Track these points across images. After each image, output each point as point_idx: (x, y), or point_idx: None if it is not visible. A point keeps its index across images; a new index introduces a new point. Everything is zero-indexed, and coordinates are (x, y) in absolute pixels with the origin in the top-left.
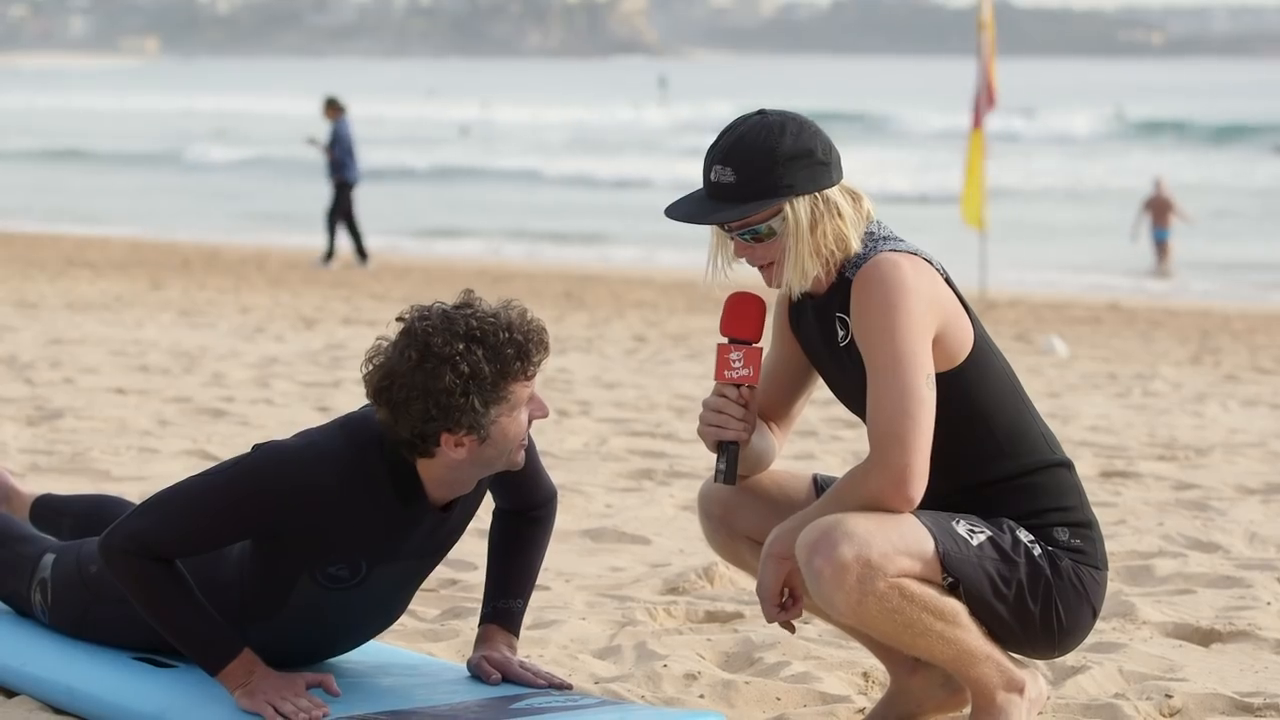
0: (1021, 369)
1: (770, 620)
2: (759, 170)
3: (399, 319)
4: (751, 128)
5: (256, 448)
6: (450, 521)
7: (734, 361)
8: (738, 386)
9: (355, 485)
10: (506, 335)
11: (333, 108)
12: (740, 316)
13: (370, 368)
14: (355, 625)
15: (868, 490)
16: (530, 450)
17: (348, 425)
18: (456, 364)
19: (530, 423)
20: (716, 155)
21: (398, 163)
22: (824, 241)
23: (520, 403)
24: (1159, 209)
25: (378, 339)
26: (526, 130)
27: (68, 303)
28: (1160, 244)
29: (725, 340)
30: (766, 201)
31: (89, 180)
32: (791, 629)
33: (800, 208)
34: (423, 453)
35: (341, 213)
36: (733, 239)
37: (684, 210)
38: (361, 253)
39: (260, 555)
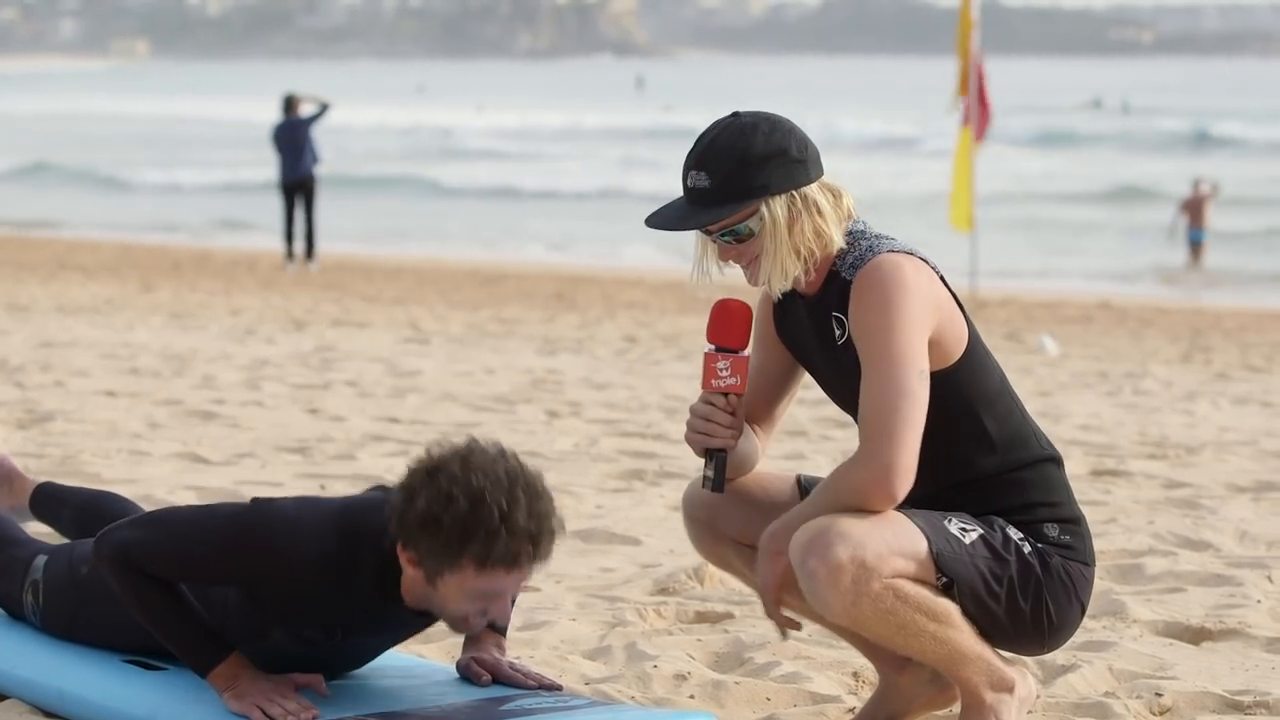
0: (1013, 368)
1: (771, 615)
2: (733, 172)
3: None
4: (724, 131)
5: (254, 502)
6: (430, 616)
7: (721, 370)
8: (725, 395)
9: (335, 571)
10: (498, 520)
11: (291, 105)
12: (727, 325)
13: (431, 452)
14: (334, 672)
15: (853, 485)
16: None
17: (347, 509)
18: (437, 500)
19: (484, 617)
20: (692, 161)
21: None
22: (803, 239)
23: (475, 592)
24: (1195, 210)
25: (480, 441)
26: (509, 136)
27: (58, 305)
28: (1196, 245)
29: (712, 348)
30: (742, 203)
31: None
32: (784, 635)
33: (777, 206)
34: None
35: (288, 208)
36: (715, 242)
37: (662, 218)
38: (290, 254)
39: (243, 597)
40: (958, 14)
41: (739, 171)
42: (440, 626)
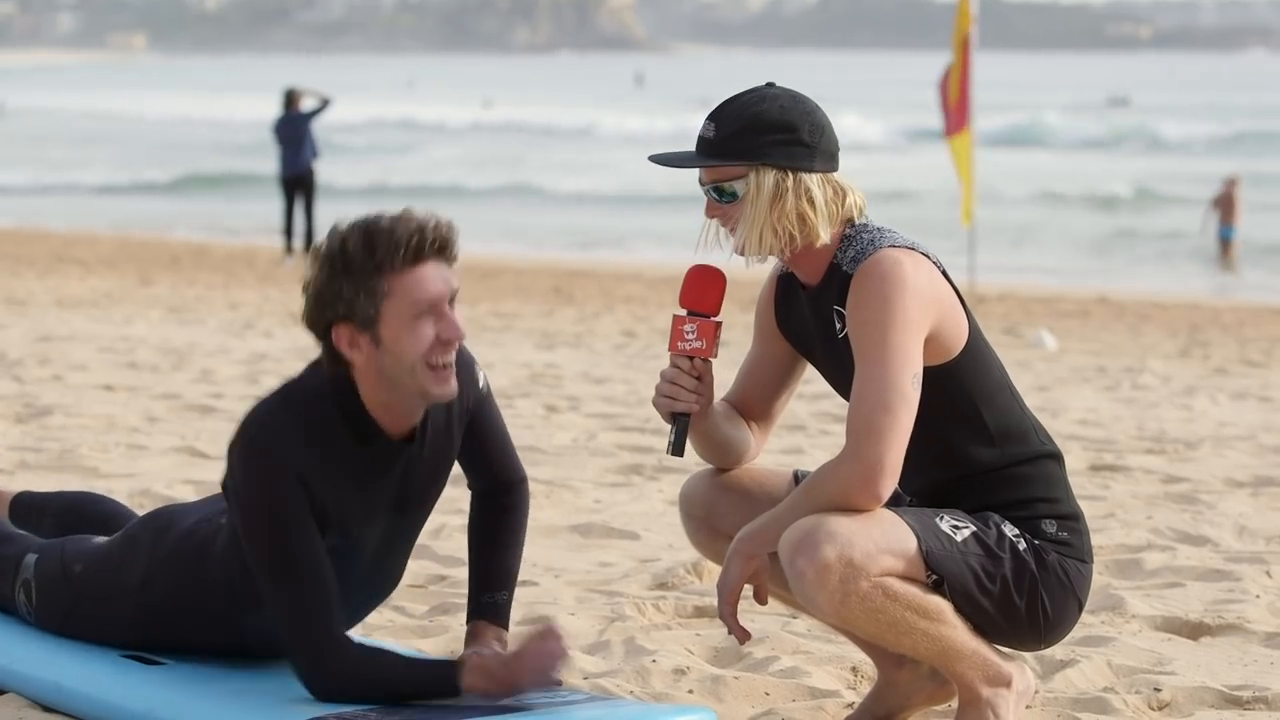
0: (1011, 362)
1: (723, 619)
2: (737, 131)
3: None
4: (748, 94)
5: (233, 452)
6: (420, 461)
7: (688, 333)
8: (691, 358)
9: (314, 433)
10: (389, 224)
11: (291, 100)
12: (699, 289)
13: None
14: (349, 596)
15: (838, 482)
16: (495, 420)
17: (288, 387)
18: (332, 251)
19: (441, 344)
20: (710, 114)
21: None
22: (783, 219)
23: (411, 306)
24: (1226, 207)
25: None
26: (501, 130)
27: (57, 299)
28: (1225, 242)
29: (683, 312)
30: (733, 161)
31: None
32: (741, 642)
33: (766, 178)
34: (336, 360)
35: (287, 203)
36: (705, 195)
37: (663, 157)
38: (289, 248)
39: None
40: (955, 9)
41: (742, 132)
42: (437, 626)
